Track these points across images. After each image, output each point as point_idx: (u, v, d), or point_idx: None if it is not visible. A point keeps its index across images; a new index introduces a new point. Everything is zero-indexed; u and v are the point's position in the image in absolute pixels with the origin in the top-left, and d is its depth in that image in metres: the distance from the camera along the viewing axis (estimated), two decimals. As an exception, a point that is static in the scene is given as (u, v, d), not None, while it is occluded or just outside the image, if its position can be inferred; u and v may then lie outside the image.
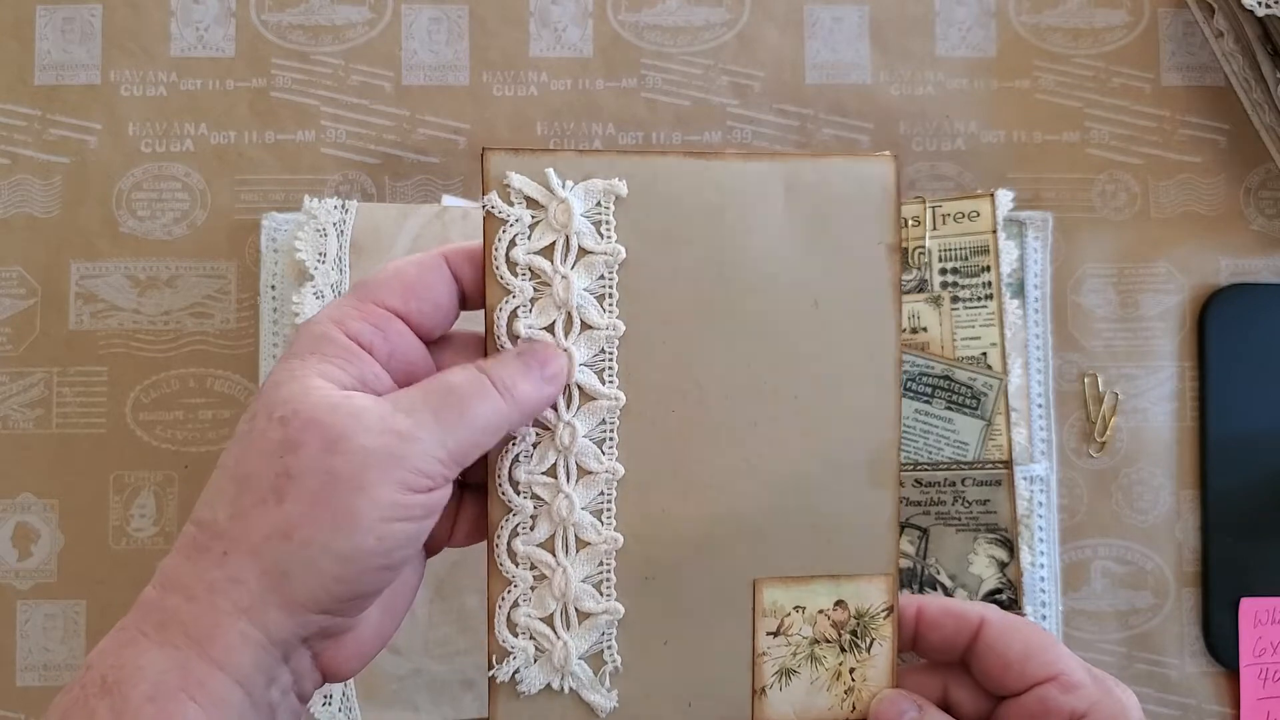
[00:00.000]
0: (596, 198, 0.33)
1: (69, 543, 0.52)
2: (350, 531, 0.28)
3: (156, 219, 0.53)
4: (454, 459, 0.30)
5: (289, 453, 0.28)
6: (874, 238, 0.34)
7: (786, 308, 0.33)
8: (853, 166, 0.34)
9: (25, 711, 0.51)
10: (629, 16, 0.55)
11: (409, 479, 0.29)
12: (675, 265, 0.33)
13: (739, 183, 0.33)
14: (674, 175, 0.33)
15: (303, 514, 0.28)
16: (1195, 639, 0.52)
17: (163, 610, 0.28)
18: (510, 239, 0.32)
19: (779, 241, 0.33)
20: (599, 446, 0.33)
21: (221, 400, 0.52)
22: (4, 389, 0.52)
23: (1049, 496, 0.52)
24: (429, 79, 0.54)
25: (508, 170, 0.32)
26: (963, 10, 0.55)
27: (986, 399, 0.50)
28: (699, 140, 0.54)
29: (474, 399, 0.30)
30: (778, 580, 0.34)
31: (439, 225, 0.49)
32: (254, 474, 0.28)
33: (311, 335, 0.31)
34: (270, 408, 0.29)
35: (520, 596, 0.33)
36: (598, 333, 0.33)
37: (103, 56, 0.54)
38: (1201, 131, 0.55)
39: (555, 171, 0.32)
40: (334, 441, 0.28)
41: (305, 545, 0.28)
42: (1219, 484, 0.52)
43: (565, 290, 0.32)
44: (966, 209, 0.51)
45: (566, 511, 0.33)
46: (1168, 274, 0.54)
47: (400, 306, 0.31)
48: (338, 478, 0.28)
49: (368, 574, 0.29)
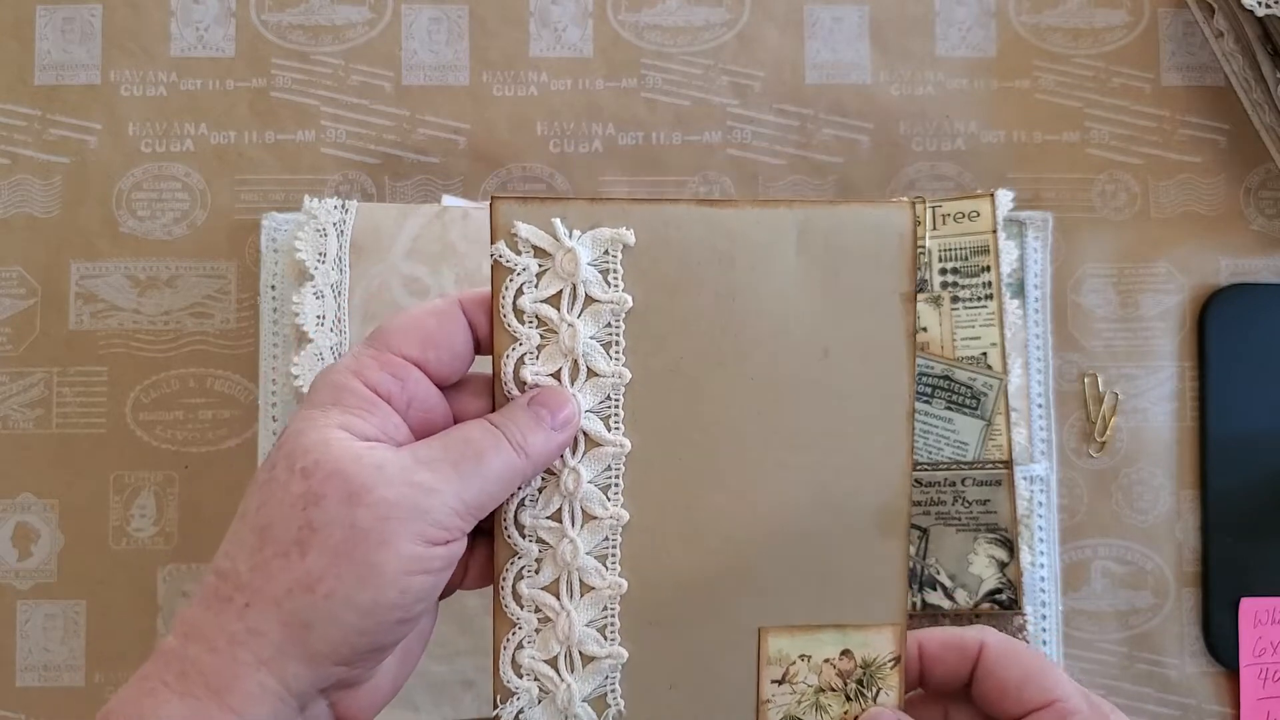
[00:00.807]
0: (604, 246, 0.33)
1: (69, 543, 0.52)
2: (373, 585, 0.28)
3: (156, 219, 0.53)
4: (471, 511, 0.30)
5: (312, 505, 0.28)
6: (889, 287, 0.33)
7: (797, 356, 0.33)
8: (869, 214, 0.33)
9: (25, 711, 0.51)
10: (629, 16, 0.55)
11: (429, 532, 0.29)
12: (684, 313, 0.33)
13: (751, 230, 0.33)
14: (684, 223, 0.33)
15: (326, 567, 0.28)
16: (1195, 639, 0.52)
17: (183, 660, 0.28)
18: (517, 287, 0.32)
19: (790, 289, 0.33)
20: (604, 492, 0.33)
21: (221, 400, 0.52)
22: (4, 389, 0.52)
23: (1049, 496, 0.52)
24: (429, 79, 0.54)
25: (515, 219, 0.32)
26: (963, 10, 0.55)
27: (986, 399, 0.50)
28: (699, 140, 0.54)
29: (490, 453, 0.30)
30: (783, 629, 0.34)
31: (439, 225, 0.49)
32: (276, 525, 0.29)
33: (331, 385, 0.31)
34: (292, 458, 0.29)
35: (525, 638, 0.33)
36: (604, 380, 0.33)
37: (103, 56, 0.54)
38: (1201, 131, 0.55)
39: (562, 221, 0.32)
40: (356, 494, 0.28)
41: (328, 598, 0.28)
42: (1219, 484, 0.52)
43: (571, 338, 0.32)
44: (966, 209, 0.51)
45: (571, 556, 0.33)
46: (1168, 274, 0.54)
47: (418, 356, 0.32)
48: (361, 531, 0.28)
49: (388, 626, 0.29)
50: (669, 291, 0.33)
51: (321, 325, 0.48)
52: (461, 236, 0.49)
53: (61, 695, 0.51)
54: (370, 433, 0.30)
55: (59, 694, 0.51)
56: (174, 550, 0.51)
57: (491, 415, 0.32)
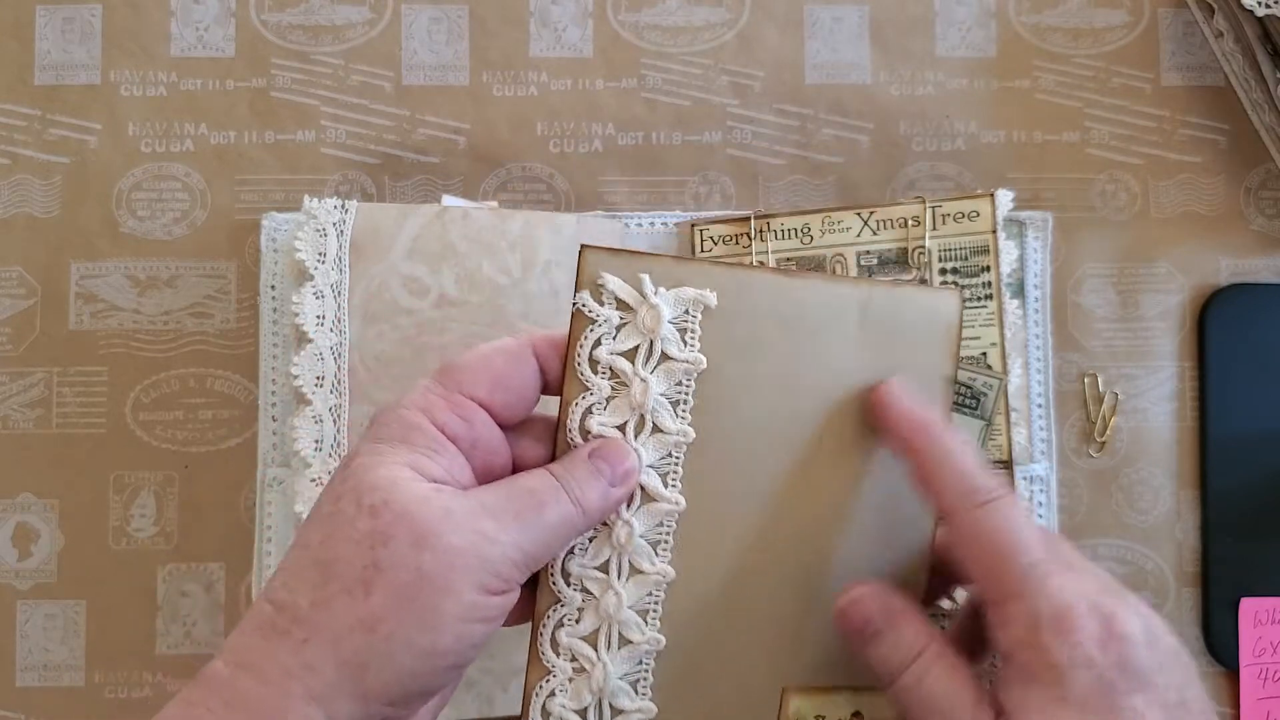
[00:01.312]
0: (685, 306, 0.33)
1: (69, 543, 0.52)
2: (432, 629, 0.28)
3: (156, 219, 0.53)
4: (528, 562, 0.30)
5: (379, 545, 0.28)
6: (935, 369, 0.34)
7: (848, 428, 0.34)
8: (924, 299, 0.35)
9: (25, 712, 0.51)
10: (629, 16, 0.55)
11: (490, 581, 0.29)
12: (751, 376, 0.34)
13: (819, 300, 0.34)
14: (761, 290, 0.34)
15: (389, 608, 0.28)
16: (1195, 639, 0.52)
17: (232, 689, 0.28)
18: (596, 338, 0.33)
19: (849, 362, 0.34)
20: (654, 548, 0.33)
21: (222, 400, 0.52)
22: (4, 389, 0.52)
23: (1049, 496, 0.52)
24: (429, 79, 0.54)
25: (603, 271, 0.33)
26: (963, 10, 0.55)
27: (986, 399, 0.50)
28: (699, 140, 0.54)
29: (550, 505, 0.31)
30: (804, 691, 0.34)
31: (439, 225, 0.49)
32: (341, 561, 0.29)
33: (400, 422, 0.31)
34: (359, 494, 0.29)
35: (558, 686, 0.33)
36: (668, 437, 0.33)
37: (103, 56, 0.54)
38: (1201, 131, 0.55)
39: (650, 278, 0.33)
40: (424, 538, 0.28)
41: (388, 639, 0.28)
42: (1219, 484, 0.52)
43: (643, 394, 0.33)
44: (966, 209, 0.51)
45: (614, 609, 0.33)
46: (1168, 274, 0.54)
47: (486, 398, 0.32)
48: (426, 575, 0.28)
49: (441, 671, 0.29)
50: (739, 355, 0.33)
51: (321, 325, 0.48)
52: (462, 236, 0.49)
53: (61, 695, 0.51)
54: (437, 474, 0.30)
55: (59, 694, 0.51)
56: (174, 550, 0.51)
57: (553, 465, 0.32)
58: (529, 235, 0.50)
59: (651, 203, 0.54)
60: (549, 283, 0.50)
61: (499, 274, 0.49)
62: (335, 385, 0.48)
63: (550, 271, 0.50)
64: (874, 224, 0.51)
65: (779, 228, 0.51)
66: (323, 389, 0.48)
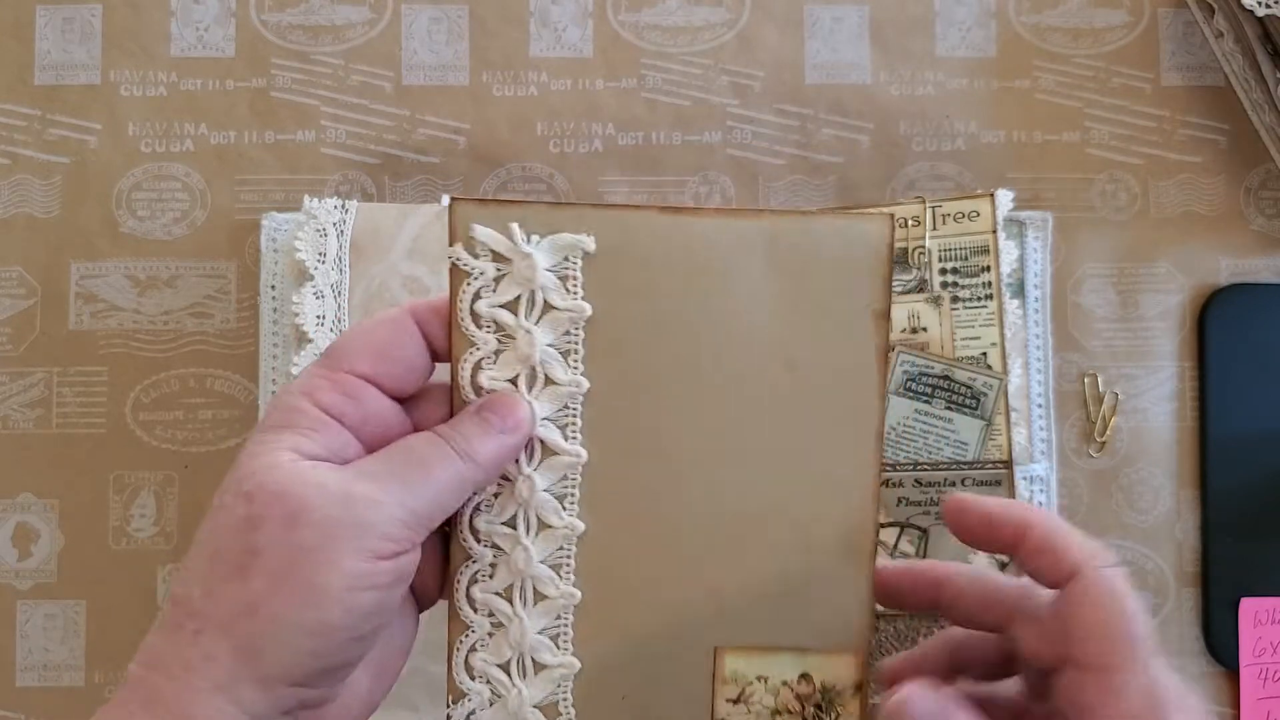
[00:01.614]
0: (563, 252, 0.32)
1: (69, 543, 0.52)
2: (316, 605, 0.28)
3: (156, 219, 0.53)
4: (420, 522, 0.30)
5: (253, 529, 0.28)
6: (862, 301, 0.32)
7: (762, 370, 0.32)
8: (843, 225, 0.32)
9: (25, 712, 0.51)
10: (629, 16, 0.55)
11: (374, 545, 0.29)
12: (645, 323, 0.32)
13: (719, 239, 0.32)
14: (648, 231, 0.32)
15: (268, 590, 0.28)
16: (1195, 639, 0.52)
17: (148, 688, 0.28)
18: (475, 291, 0.32)
19: (757, 301, 0.32)
20: (560, 502, 0.33)
21: (221, 400, 0.52)
22: (4, 389, 0.52)
23: (1049, 496, 0.52)
24: (429, 79, 0.54)
25: (473, 222, 0.32)
26: (963, 10, 0.55)
27: (986, 399, 0.50)
28: (698, 140, 0.54)
29: (435, 462, 0.30)
30: (740, 649, 0.33)
31: (439, 225, 0.49)
32: (223, 550, 0.29)
33: (283, 408, 0.31)
34: (239, 483, 0.29)
35: (478, 641, 0.33)
36: (561, 389, 0.32)
37: (103, 56, 0.54)
38: (1201, 131, 0.55)
39: (520, 226, 0.32)
40: (296, 514, 0.28)
41: (272, 621, 0.28)
42: (1219, 484, 0.52)
43: (528, 345, 0.32)
44: (966, 209, 0.51)
45: (524, 564, 0.33)
46: (1168, 274, 0.54)
47: (371, 372, 0.31)
48: (302, 551, 0.28)
49: (339, 646, 0.29)
50: (631, 300, 0.32)
51: (321, 325, 0.48)
52: (461, 236, 0.49)
53: (61, 695, 0.51)
54: (319, 452, 0.30)
55: (59, 694, 0.51)
56: (174, 550, 0.51)
57: (440, 426, 0.32)
58: (529, 235, 0.50)
59: (651, 203, 0.54)
60: (549, 283, 0.50)
61: (499, 274, 0.49)
62: (335, 385, 0.48)
63: (550, 271, 0.50)
64: (874, 224, 0.51)
65: (779, 228, 0.51)
66: (323, 389, 0.48)
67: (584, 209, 0.32)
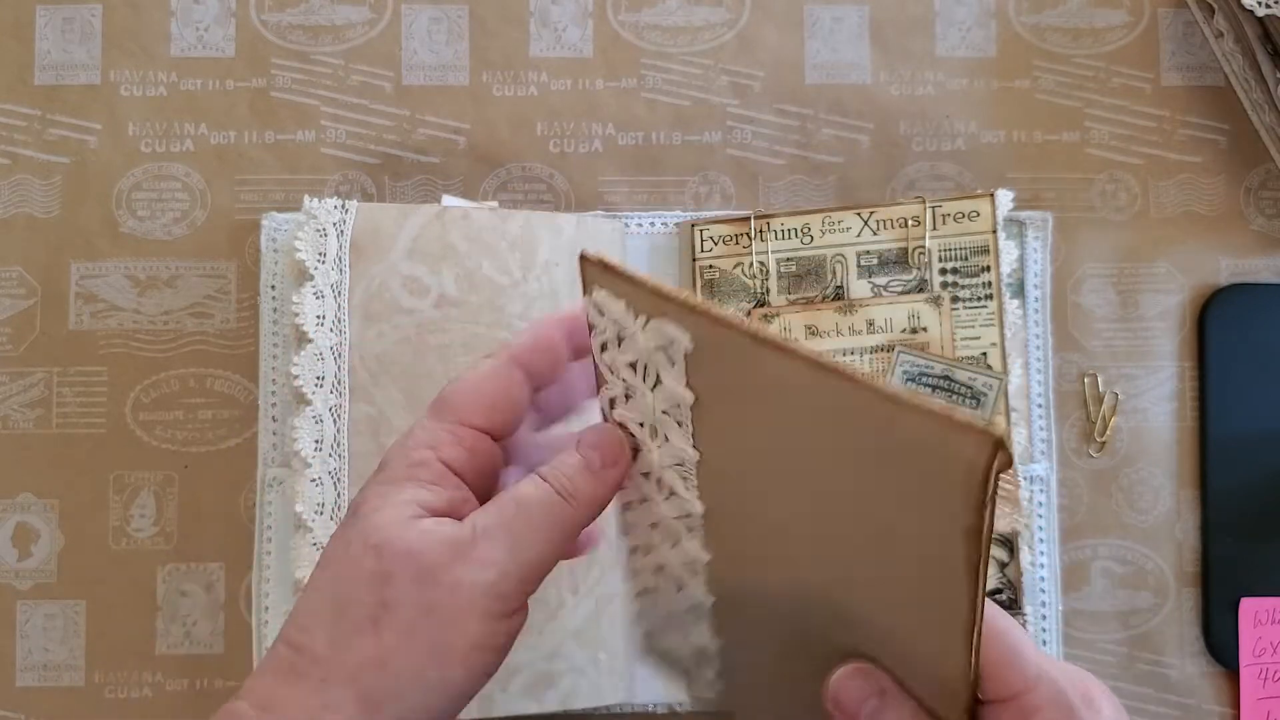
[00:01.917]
0: (668, 339, 0.30)
1: (69, 543, 0.52)
2: (441, 663, 0.29)
3: (156, 219, 0.53)
4: (530, 575, 0.31)
5: (384, 584, 0.29)
6: (953, 518, 0.25)
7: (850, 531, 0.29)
8: (934, 439, 0.25)
9: (25, 711, 0.51)
10: (629, 16, 0.55)
11: (494, 606, 0.30)
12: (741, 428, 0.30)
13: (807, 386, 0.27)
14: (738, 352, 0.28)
15: (398, 645, 0.29)
16: (1195, 639, 0.52)
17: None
18: (601, 343, 0.32)
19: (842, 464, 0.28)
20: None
21: (221, 400, 0.52)
22: (4, 389, 0.52)
23: (1049, 497, 0.52)
24: (429, 79, 0.54)
25: (595, 284, 0.32)
26: (963, 10, 0.55)
27: (986, 399, 0.50)
28: (699, 140, 0.54)
29: (536, 508, 0.31)
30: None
31: (439, 225, 0.49)
32: (352, 602, 0.30)
33: (407, 461, 0.32)
34: (365, 534, 0.30)
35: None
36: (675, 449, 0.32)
37: (103, 56, 0.54)
38: (1201, 131, 0.55)
39: (628, 305, 0.31)
40: (427, 573, 0.29)
41: (399, 676, 0.29)
42: (1219, 484, 0.52)
43: (646, 405, 0.32)
44: (966, 209, 0.51)
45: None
46: (1168, 274, 0.54)
47: (485, 425, 0.33)
48: (432, 610, 0.29)
49: (452, 701, 0.30)
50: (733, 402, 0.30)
51: (321, 325, 0.48)
52: (462, 236, 0.49)
53: (61, 695, 0.51)
54: (440, 506, 0.31)
55: (59, 694, 0.51)
56: (174, 550, 0.51)
57: (543, 467, 0.32)
58: (529, 235, 0.50)
59: (651, 203, 0.54)
60: (549, 283, 0.50)
61: (499, 274, 0.49)
62: (335, 385, 0.48)
63: (550, 272, 0.50)
64: (874, 224, 0.51)
65: (779, 228, 0.51)
66: (323, 389, 0.48)
67: (684, 310, 0.29)
